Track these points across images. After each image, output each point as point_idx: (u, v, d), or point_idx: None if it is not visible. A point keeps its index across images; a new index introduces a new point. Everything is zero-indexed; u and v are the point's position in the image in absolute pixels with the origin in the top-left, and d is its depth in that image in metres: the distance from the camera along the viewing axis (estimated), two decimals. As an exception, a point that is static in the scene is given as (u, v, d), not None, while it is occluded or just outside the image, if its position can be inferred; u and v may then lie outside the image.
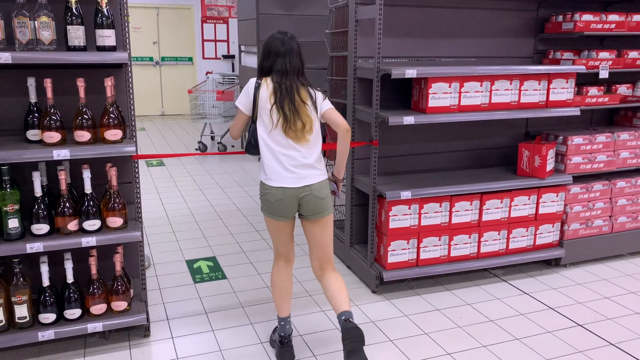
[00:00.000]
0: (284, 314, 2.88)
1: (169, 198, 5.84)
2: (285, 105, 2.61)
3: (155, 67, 11.80)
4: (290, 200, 2.65)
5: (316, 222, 2.74)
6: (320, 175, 2.70)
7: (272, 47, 2.68)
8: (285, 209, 2.67)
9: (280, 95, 2.62)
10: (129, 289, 2.98)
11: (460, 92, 3.51)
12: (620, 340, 3.10)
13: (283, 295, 2.85)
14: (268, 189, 2.67)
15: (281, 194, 2.64)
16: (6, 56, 2.47)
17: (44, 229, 2.73)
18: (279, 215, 2.69)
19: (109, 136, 2.77)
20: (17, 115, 2.87)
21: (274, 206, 2.67)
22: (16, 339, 2.73)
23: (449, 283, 3.79)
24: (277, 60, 2.65)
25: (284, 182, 2.63)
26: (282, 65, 2.65)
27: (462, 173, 3.97)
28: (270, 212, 2.70)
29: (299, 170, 2.64)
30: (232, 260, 4.19)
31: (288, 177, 2.63)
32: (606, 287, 3.77)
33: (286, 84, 2.64)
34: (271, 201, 2.66)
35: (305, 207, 2.69)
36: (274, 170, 2.65)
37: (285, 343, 2.87)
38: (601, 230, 4.13)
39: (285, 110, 2.61)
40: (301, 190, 2.64)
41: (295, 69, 2.68)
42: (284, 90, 2.62)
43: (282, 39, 2.68)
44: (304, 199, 2.66)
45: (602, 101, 4.01)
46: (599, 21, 3.86)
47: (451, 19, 3.91)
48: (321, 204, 2.70)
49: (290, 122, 2.61)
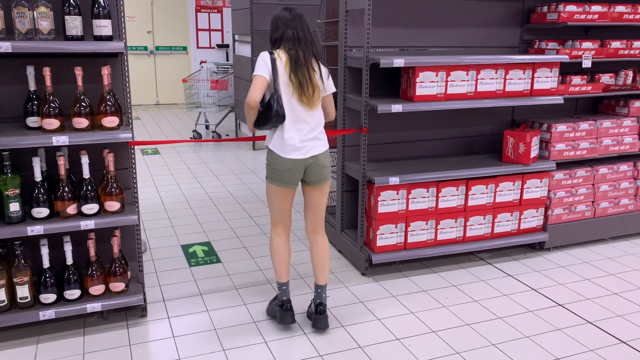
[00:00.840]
0: (285, 278, 3.08)
1: (164, 185, 5.94)
2: (299, 72, 2.81)
3: (149, 57, 11.83)
4: (298, 169, 2.90)
5: (317, 188, 3.01)
6: (324, 145, 2.96)
7: (280, 19, 2.90)
8: (293, 177, 2.91)
9: (295, 64, 2.81)
10: (127, 271, 3.09)
11: (447, 81, 3.62)
12: (597, 319, 3.24)
13: (284, 260, 3.07)
14: (278, 158, 2.88)
15: (290, 164, 2.87)
16: (6, 45, 2.56)
17: (44, 213, 2.83)
18: (286, 183, 2.92)
19: (106, 123, 2.86)
20: (16, 102, 2.96)
21: (282, 174, 2.89)
22: (18, 318, 2.84)
23: (435, 266, 3.92)
24: (286, 30, 2.85)
25: (294, 154, 2.86)
26: (292, 33, 2.85)
27: (449, 160, 4.09)
28: (277, 179, 2.91)
29: (307, 143, 2.88)
30: (226, 245, 4.31)
31: (298, 150, 2.86)
32: (587, 270, 3.91)
33: (297, 51, 2.83)
34: (280, 170, 2.88)
35: (310, 174, 2.95)
36: (285, 144, 2.85)
37: (288, 307, 3.06)
38: (584, 215, 4.27)
39: (299, 77, 2.81)
40: (308, 160, 2.90)
41: (305, 39, 2.87)
42: (298, 57, 2.82)
43: (290, 10, 2.92)
44: (309, 167, 2.92)
45: (586, 90, 4.13)
46: (582, 12, 3.97)
47: (439, 9, 4.00)
48: (324, 171, 2.97)
49: (304, 87, 2.82)
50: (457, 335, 3.05)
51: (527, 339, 3.02)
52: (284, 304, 3.07)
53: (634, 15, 4.14)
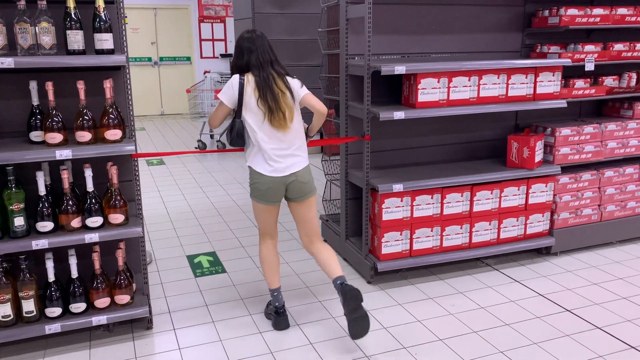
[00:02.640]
0: (276, 285, 3.19)
1: (169, 196, 5.95)
2: (267, 97, 2.86)
3: (153, 67, 11.90)
4: (279, 187, 2.98)
5: (302, 203, 3.08)
6: (303, 162, 3.02)
7: (243, 45, 2.95)
8: (274, 195, 2.99)
9: (263, 88, 2.86)
10: (132, 283, 3.09)
11: (449, 87, 3.61)
12: (606, 324, 3.21)
13: (274, 268, 3.17)
14: (258, 177, 2.95)
15: (271, 182, 2.93)
16: (9, 61, 2.58)
17: (49, 227, 2.84)
18: (269, 201, 2.99)
19: (109, 136, 2.88)
20: (20, 117, 2.98)
21: (264, 193, 2.96)
22: (24, 333, 2.84)
23: (441, 272, 3.90)
24: (250, 56, 2.91)
25: (273, 172, 2.92)
26: (256, 60, 2.90)
27: (453, 165, 4.07)
28: (260, 198, 2.99)
29: (285, 160, 2.93)
30: (232, 255, 4.30)
31: (276, 167, 2.92)
32: (595, 274, 3.88)
33: (264, 75, 2.88)
34: (262, 189, 2.96)
35: (292, 191, 3.02)
36: (264, 161, 2.93)
37: (281, 313, 3.17)
38: (590, 219, 4.24)
39: (269, 102, 2.86)
40: (288, 177, 2.97)
41: (268, 61, 2.92)
42: (263, 83, 2.87)
43: (250, 37, 2.95)
44: (290, 185, 2.97)
45: (589, 93, 4.11)
46: (584, 15, 3.96)
47: (440, 15, 4.01)
48: (305, 187, 3.03)
49: (274, 111, 2.87)
50: (465, 343, 3.02)
51: (535, 346, 2.99)
52: (278, 309, 3.17)
53: (636, 18, 4.12)
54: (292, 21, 7.47)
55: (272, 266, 3.16)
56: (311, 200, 3.10)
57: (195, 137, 9.17)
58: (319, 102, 3.04)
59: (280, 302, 3.18)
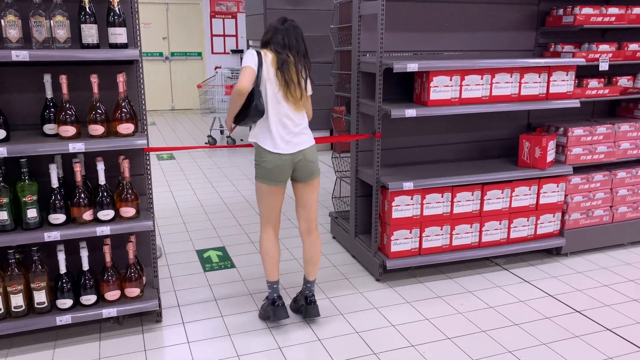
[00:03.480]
0: (275, 277, 3.17)
1: (179, 191, 5.98)
2: (285, 73, 2.88)
3: (165, 63, 11.95)
4: (287, 165, 2.96)
5: (308, 184, 3.08)
6: (310, 140, 3.04)
7: (272, 26, 3.01)
8: (281, 173, 2.97)
9: (283, 64, 2.88)
10: (142, 276, 3.12)
11: (462, 85, 3.59)
12: (616, 326, 3.19)
13: (275, 260, 3.15)
14: (265, 155, 2.94)
15: (279, 160, 2.93)
16: (24, 54, 2.60)
17: (61, 219, 2.86)
18: (276, 181, 2.99)
19: (122, 130, 2.89)
20: (34, 110, 3.01)
21: (272, 172, 2.95)
22: (35, 323, 2.87)
23: (451, 271, 3.89)
24: (275, 35, 2.93)
25: (281, 149, 2.92)
26: (282, 39, 2.92)
27: (464, 164, 4.06)
28: (267, 178, 2.97)
29: (293, 138, 2.95)
30: (241, 250, 4.32)
31: (283, 145, 2.93)
32: (606, 275, 3.85)
33: (286, 56, 2.90)
34: (269, 167, 2.94)
35: (299, 171, 3.02)
36: (272, 138, 2.93)
37: (280, 303, 3.14)
38: (602, 220, 4.21)
39: (286, 77, 2.88)
40: (296, 155, 2.97)
41: (295, 48, 2.94)
42: (284, 61, 2.88)
43: (285, 20, 2.99)
44: (298, 163, 2.99)
45: (603, 93, 4.08)
46: (598, 14, 3.92)
47: (453, 13, 3.98)
48: (312, 166, 3.04)
49: (291, 87, 2.90)
50: (473, 342, 3.02)
51: (544, 346, 2.98)
52: (276, 300, 3.15)
53: (652, 17, 4.08)
54: (304, 17, 7.45)
55: (273, 258, 3.14)
56: (316, 182, 3.11)
57: (205, 133, 9.19)
58: (311, 110, 3.11)
59: (277, 292, 3.17)
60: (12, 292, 2.81)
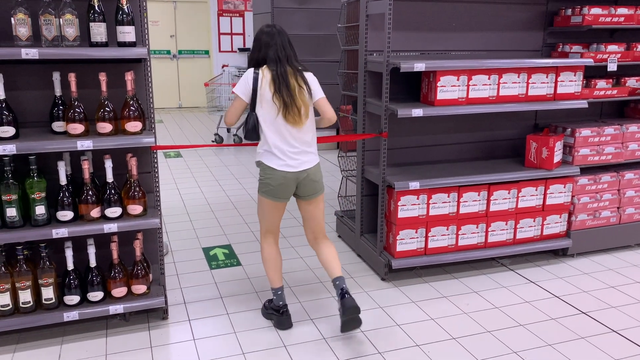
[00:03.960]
0: (279, 284, 3.15)
1: (186, 188, 6.01)
2: (283, 92, 2.84)
3: (172, 61, 11.98)
4: (290, 183, 2.96)
5: (311, 202, 3.08)
6: (315, 159, 3.01)
7: (261, 39, 2.93)
8: (285, 191, 2.97)
9: (279, 83, 2.84)
10: (148, 274, 3.13)
11: (469, 85, 3.59)
12: (622, 328, 3.18)
13: (277, 267, 3.14)
14: (270, 172, 2.92)
15: (282, 178, 2.91)
16: (33, 52, 2.62)
17: (69, 216, 2.88)
18: (279, 198, 2.97)
19: (130, 128, 2.91)
20: (43, 108, 3.03)
21: (276, 189, 2.94)
22: (43, 319, 2.90)
23: (456, 271, 3.89)
24: (268, 50, 2.89)
25: (286, 167, 2.90)
26: (274, 54, 2.89)
27: (470, 164, 4.05)
28: (270, 194, 2.96)
29: (297, 156, 2.92)
30: (247, 248, 4.33)
31: (289, 163, 2.90)
32: (612, 277, 3.84)
33: (281, 71, 2.86)
34: (273, 185, 2.93)
35: (302, 189, 3.01)
36: (276, 156, 2.90)
37: (284, 312, 3.13)
38: (609, 221, 4.19)
39: (284, 97, 2.84)
40: (300, 174, 2.95)
41: (287, 57, 2.91)
42: (280, 78, 2.85)
43: (270, 31, 2.93)
44: (302, 182, 2.96)
45: (611, 94, 4.06)
46: (607, 14, 3.90)
47: (461, 12, 3.98)
48: (316, 185, 3.03)
49: (289, 107, 2.86)
50: (478, 343, 3.02)
51: (549, 347, 2.97)
52: (281, 309, 3.13)
53: (661, 18, 4.06)
54: (312, 16, 7.47)
55: (275, 265, 3.13)
56: (320, 199, 3.10)
57: (212, 131, 9.22)
58: (332, 110, 3.04)
59: (283, 300, 3.15)
60: (20, 288, 2.84)
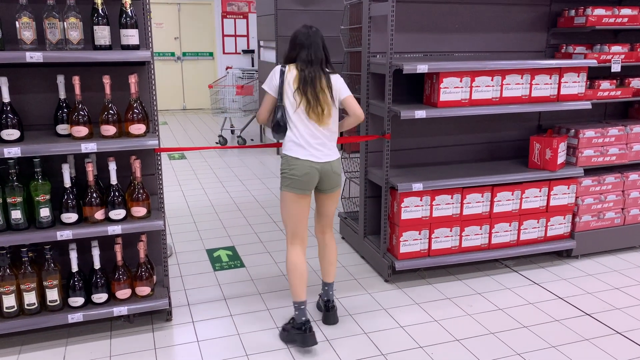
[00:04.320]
0: (303, 297, 2.97)
1: (190, 190, 6.02)
2: (308, 91, 2.88)
3: (176, 62, 12.01)
4: (315, 174, 2.94)
5: (330, 195, 3.10)
6: (336, 153, 3.05)
7: (297, 39, 2.98)
8: (310, 181, 2.95)
9: (304, 82, 2.88)
10: (152, 275, 3.15)
11: (472, 86, 3.58)
12: (627, 329, 3.17)
13: (302, 278, 2.97)
14: (294, 162, 2.92)
15: (308, 168, 2.91)
16: (38, 55, 2.64)
17: (73, 218, 2.90)
18: (304, 189, 2.95)
19: (133, 130, 2.92)
20: (47, 110, 3.05)
21: (301, 179, 2.91)
22: (48, 321, 2.91)
23: (460, 273, 3.88)
24: (301, 51, 2.94)
25: (311, 157, 2.91)
26: (306, 56, 2.93)
27: (474, 166, 4.05)
28: (295, 186, 2.93)
29: (322, 148, 2.96)
30: (251, 250, 4.34)
31: (313, 153, 2.92)
32: (616, 278, 3.82)
33: (310, 72, 2.90)
34: (298, 175, 2.91)
35: (325, 181, 3.01)
36: (302, 147, 2.92)
37: (309, 329, 2.91)
38: (613, 222, 4.18)
39: (308, 96, 2.88)
40: (324, 165, 2.96)
41: (319, 60, 2.95)
42: (307, 78, 2.89)
43: (307, 32, 2.97)
44: (325, 174, 2.98)
45: (615, 94, 4.05)
46: (611, 15, 3.89)
47: (464, 14, 3.98)
48: (337, 179, 3.06)
49: (313, 106, 2.89)
50: (482, 344, 3.01)
51: (553, 349, 2.97)
52: (304, 325, 2.91)
53: (665, 18, 4.04)
54: (315, 18, 7.46)
55: (302, 275, 2.96)
56: (338, 193, 3.13)
57: (216, 132, 9.24)
58: (359, 108, 3.06)
59: (306, 316, 2.95)
60: (25, 290, 2.86)
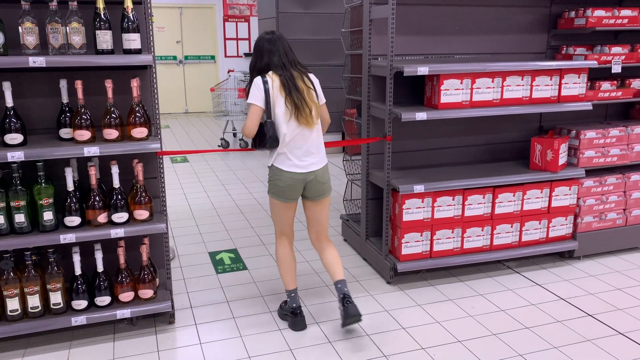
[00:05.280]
0: (292, 285, 3.20)
1: (192, 193, 6.04)
2: (294, 95, 2.90)
3: (178, 66, 12.05)
4: (298, 184, 3.02)
5: (317, 203, 3.13)
6: (323, 161, 3.07)
7: (263, 47, 2.99)
8: (293, 192, 3.03)
9: (288, 87, 2.91)
10: (155, 278, 3.16)
11: (472, 88, 3.59)
12: (629, 330, 3.17)
13: (290, 269, 3.19)
14: (278, 173, 2.99)
15: (290, 179, 2.97)
16: (40, 60, 2.66)
17: (76, 221, 2.91)
18: (287, 198, 3.03)
19: (136, 134, 2.94)
20: (50, 115, 3.07)
21: (284, 190, 3.00)
22: (51, 324, 2.93)
23: (462, 274, 3.89)
24: (272, 57, 2.95)
25: (294, 168, 2.97)
26: (278, 60, 2.94)
27: (475, 167, 4.05)
28: (279, 195, 3.03)
29: (306, 158, 2.98)
30: (253, 252, 4.35)
31: (297, 163, 2.97)
32: (619, 279, 3.82)
33: (288, 75, 2.93)
34: (282, 185, 2.99)
35: (310, 190, 3.07)
36: (287, 157, 2.97)
37: (298, 314, 3.19)
38: (615, 223, 4.18)
39: (295, 100, 2.90)
40: (307, 175, 3.01)
41: (290, 61, 2.98)
42: (289, 82, 2.91)
43: (271, 38, 2.99)
44: (309, 183, 3.01)
45: (615, 95, 4.05)
46: (611, 16, 3.90)
47: (464, 16, 3.99)
48: (323, 187, 3.09)
49: (300, 109, 2.92)
50: (484, 345, 3.02)
51: (555, 350, 2.97)
52: (295, 310, 3.19)
53: (665, 19, 4.05)
54: (316, 21, 7.50)
55: (289, 267, 3.19)
56: (326, 201, 3.15)
57: (218, 135, 9.26)
58: (328, 114, 3.16)
59: (297, 302, 3.20)
60: (29, 293, 2.87)
